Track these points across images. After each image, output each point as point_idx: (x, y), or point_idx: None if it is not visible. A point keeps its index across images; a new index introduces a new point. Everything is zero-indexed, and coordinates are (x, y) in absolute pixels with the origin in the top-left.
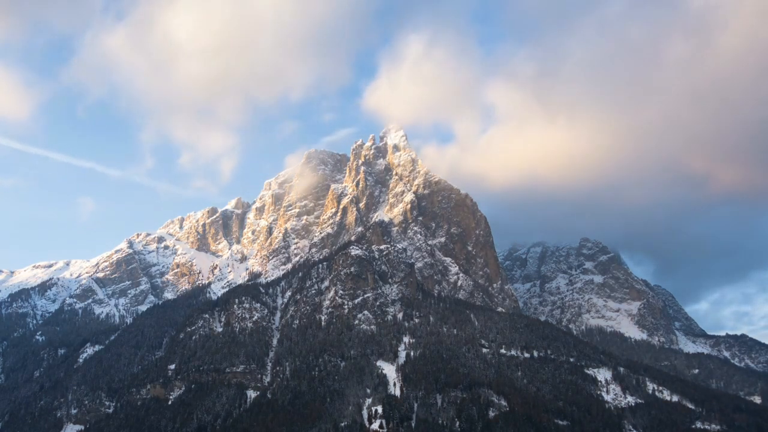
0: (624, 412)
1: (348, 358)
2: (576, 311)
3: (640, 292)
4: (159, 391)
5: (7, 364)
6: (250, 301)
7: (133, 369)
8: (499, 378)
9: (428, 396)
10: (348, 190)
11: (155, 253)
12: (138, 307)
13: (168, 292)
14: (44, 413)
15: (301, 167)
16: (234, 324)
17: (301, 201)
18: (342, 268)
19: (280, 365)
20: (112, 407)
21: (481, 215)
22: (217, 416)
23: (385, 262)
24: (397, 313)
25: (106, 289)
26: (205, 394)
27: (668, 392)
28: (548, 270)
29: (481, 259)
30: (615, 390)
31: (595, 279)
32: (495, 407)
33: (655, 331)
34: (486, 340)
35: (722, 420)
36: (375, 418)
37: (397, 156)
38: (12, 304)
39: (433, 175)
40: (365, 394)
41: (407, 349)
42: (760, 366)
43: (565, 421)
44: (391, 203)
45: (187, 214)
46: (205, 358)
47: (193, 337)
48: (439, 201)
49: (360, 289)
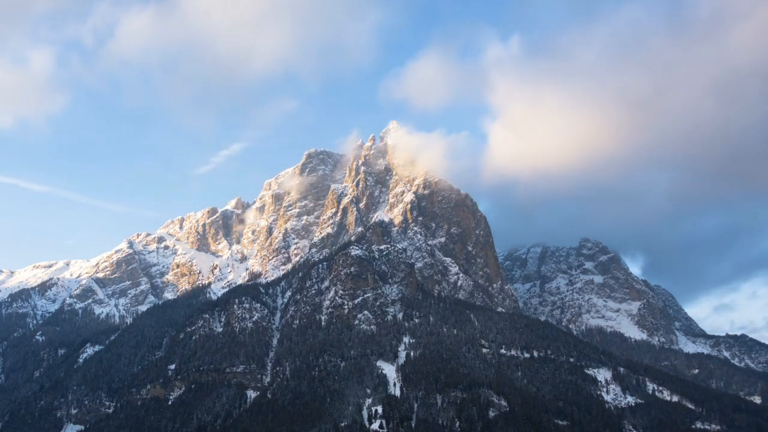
0: (624, 412)
1: (348, 358)
2: (576, 311)
3: (640, 292)
4: (159, 391)
5: (7, 364)
6: (250, 301)
7: (133, 369)
8: (499, 378)
9: (428, 396)
10: (348, 190)
11: (155, 253)
12: (138, 307)
13: (168, 292)
14: (44, 413)
15: (301, 167)
16: (234, 324)
17: (301, 201)
18: (342, 268)
19: (280, 365)
20: (112, 407)
21: (481, 215)
22: (217, 416)
23: (385, 262)
24: (397, 313)
25: (106, 289)
26: (205, 394)
27: (668, 392)
28: (548, 270)
29: (481, 259)
30: (615, 390)
31: (595, 279)
32: (495, 407)
33: (655, 331)
34: (486, 340)
35: (722, 420)
36: (375, 418)
37: (397, 156)
38: (12, 304)
39: (433, 175)
40: (365, 394)
41: (407, 349)
42: (760, 366)
43: (565, 421)
44: (391, 203)
45: (187, 214)
46: (205, 358)
47: (193, 337)
48: (439, 201)
49: (360, 289)
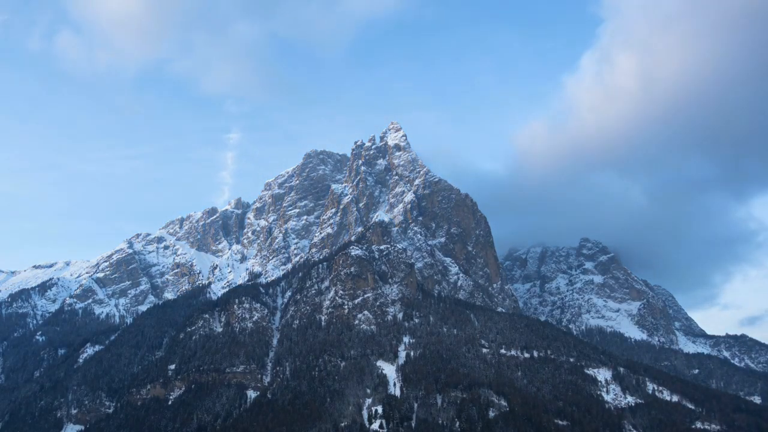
0: (624, 412)
1: (348, 358)
2: (576, 311)
3: (640, 292)
4: (159, 391)
5: (7, 364)
6: (250, 301)
7: (133, 369)
8: (499, 378)
9: (428, 396)
10: (348, 190)
11: (155, 253)
12: (138, 307)
13: (168, 292)
14: (44, 413)
15: (301, 167)
16: (234, 324)
17: (301, 201)
18: (342, 268)
19: (280, 365)
20: (112, 407)
21: (481, 215)
22: (217, 416)
23: (385, 262)
24: (397, 313)
25: (106, 289)
26: (205, 394)
27: (668, 392)
28: (548, 270)
29: (481, 259)
30: (615, 390)
31: (595, 279)
32: (495, 407)
33: (655, 331)
34: (486, 340)
35: (722, 420)
36: (375, 418)
37: (397, 156)
38: (12, 304)
39: (433, 175)
40: (365, 394)
41: (407, 349)
42: (760, 366)
43: (565, 421)
44: (391, 203)
45: (187, 214)
46: (205, 358)
47: (193, 337)
48: (439, 201)
49: (360, 289)
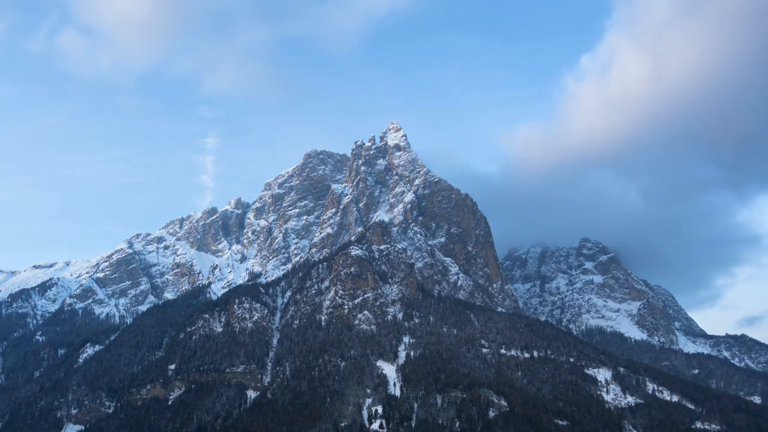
0: (624, 412)
1: (348, 358)
2: (576, 311)
3: (640, 292)
4: (159, 391)
5: (7, 364)
6: (250, 301)
7: (133, 369)
8: (499, 378)
9: (428, 396)
10: (348, 190)
11: (155, 253)
12: (138, 307)
13: (168, 292)
14: (44, 413)
15: (300, 167)
16: (234, 324)
17: (301, 201)
18: (342, 268)
19: (280, 365)
20: (112, 407)
21: (481, 215)
22: (217, 416)
23: (385, 262)
24: (397, 313)
25: (106, 289)
26: (205, 394)
27: (668, 392)
28: (548, 270)
29: (481, 259)
30: (615, 390)
31: (595, 279)
32: (495, 407)
33: (655, 331)
34: (486, 340)
35: (722, 420)
36: (375, 418)
37: (397, 156)
38: (12, 304)
39: (433, 175)
40: (365, 394)
41: (407, 349)
42: (760, 366)
43: (565, 421)
44: (391, 203)
45: (187, 214)
46: (205, 358)
47: (193, 337)
48: (439, 201)
49: (360, 289)
